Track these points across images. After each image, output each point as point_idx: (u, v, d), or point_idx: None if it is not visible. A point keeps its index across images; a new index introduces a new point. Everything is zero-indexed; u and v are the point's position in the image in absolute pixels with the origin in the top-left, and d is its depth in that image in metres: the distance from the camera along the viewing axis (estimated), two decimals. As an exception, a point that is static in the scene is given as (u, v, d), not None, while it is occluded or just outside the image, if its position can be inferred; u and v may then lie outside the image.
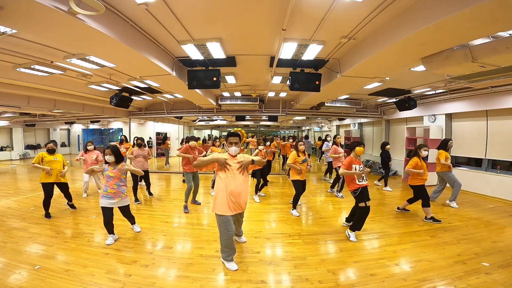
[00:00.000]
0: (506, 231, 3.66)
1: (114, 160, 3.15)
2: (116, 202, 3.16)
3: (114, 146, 3.23)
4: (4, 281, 2.35)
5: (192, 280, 2.43)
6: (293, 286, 2.37)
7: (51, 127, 15.06)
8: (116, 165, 3.19)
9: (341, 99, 7.86)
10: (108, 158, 3.13)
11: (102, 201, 3.10)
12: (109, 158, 3.12)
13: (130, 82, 5.74)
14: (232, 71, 5.21)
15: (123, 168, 3.22)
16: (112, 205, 3.15)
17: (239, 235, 3.25)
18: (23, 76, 4.82)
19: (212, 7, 2.81)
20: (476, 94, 5.78)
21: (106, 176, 3.13)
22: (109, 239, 3.20)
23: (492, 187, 5.57)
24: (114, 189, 3.12)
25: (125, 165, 3.25)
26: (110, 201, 3.12)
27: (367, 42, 3.49)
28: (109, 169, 3.15)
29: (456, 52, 3.08)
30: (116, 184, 3.14)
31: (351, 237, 3.35)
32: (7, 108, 8.28)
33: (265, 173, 5.66)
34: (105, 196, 3.11)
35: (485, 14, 2.16)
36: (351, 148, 3.53)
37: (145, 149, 5.36)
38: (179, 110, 9.21)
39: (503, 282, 2.39)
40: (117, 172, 3.14)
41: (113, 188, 3.11)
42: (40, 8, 2.15)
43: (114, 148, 3.17)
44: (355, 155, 3.44)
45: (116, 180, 3.14)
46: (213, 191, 4.57)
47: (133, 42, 3.22)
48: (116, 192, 3.13)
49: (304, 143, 4.53)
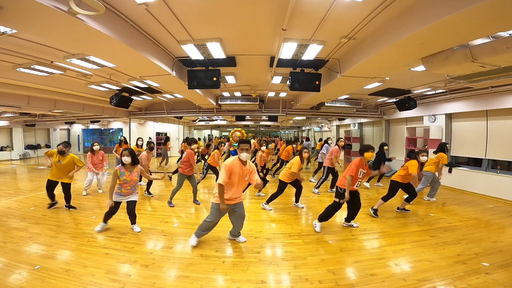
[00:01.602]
0: (506, 231, 3.66)
1: (130, 162, 3.28)
2: (126, 198, 3.38)
3: (129, 148, 3.41)
4: (4, 281, 2.34)
5: (192, 280, 2.43)
6: (293, 286, 2.37)
7: (51, 127, 15.06)
8: (132, 167, 3.33)
9: (341, 99, 7.86)
10: (125, 159, 3.26)
11: (114, 196, 3.31)
12: (126, 159, 3.26)
13: (130, 82, 5.74)
14: (232, 71, 5.21)
15: (139, 172, 3.39)
16: (122, 200, 3.37)
17: (237, 235, 3.29)
18: (23, 76, 4.82)
19: (212, 7, 2.81)
20: (476, 94, 5.78)
21: (122, 181, 3.27)
22: (99, 227, 3.48)
23: (492, 187, 5.57)
24: (127, 190, 3.35)
25: (140, 168, 3.40)
26: (121, 197, 3.35)
27: (367, 42, 3.49)
28: (126, 174, 3.27)
29: (456, 52, 3.08)
30: (131, 187, 3.35)
31: (317, 227, 3.52)
32: (7, 108, 8.28)
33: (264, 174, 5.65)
34: (118, 194, 3.33)
35: (485, 14, 2.16)
36: (360, 152, 3.53)
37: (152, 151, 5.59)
38: (179, 110, 9.21)
39: (503, 282, 2.39)
40: (133, 177, 3.32)
41: (127, 189, 3.33)
42: (40, 8, 2.15)
43: (131, 150, 3.35)
44: (364, 159, 3.44)
45: (132, 183, 3.34)
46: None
47: (133, 42, 3.22)
48: (129, 193, 3.37)
49: (307, 148, 4.58)
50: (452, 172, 6.55)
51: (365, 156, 3.43)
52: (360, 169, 3.39)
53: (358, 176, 3.40)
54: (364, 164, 3.44)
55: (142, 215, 4.33)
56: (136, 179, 3.37)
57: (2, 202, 4.70)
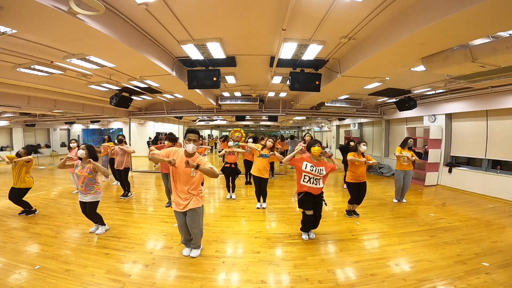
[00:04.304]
0: (506, 231, 3.66)
1: (86, 157, 3.24)
2: (84, 197, 3.31)
3: (88, 144, 3.36)
4: (4, 281, 2.34)
5: (192, 280, 2.43)
6: (293, 286, 2.37)
7: (51, 127, 15.05)
8: (86, 162, 3.26)
9: (341, 99, 7.85)
10: (80, 152, 3.23)
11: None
12: (80, 152, 3.23)
13: (130, 82, 5.74)
14: (232, 71, 5.21)
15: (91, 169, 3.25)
16: (82, 199, 3.32)
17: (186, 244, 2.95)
18: (23, 76, 4.82)
19: (212, 7, 2.80)
20: (476, 94, 5.78)
21: (77, 175, 3.30)
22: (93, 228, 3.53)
23: (492, 187, 5.57)
24: (82, 187, 3.28)
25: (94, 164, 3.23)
26: (81, 196, 3.32)
27: (367, 42, 3.48)
28: (79, 168, 3.26)
29: (456, 52, 3.07)
30: (84, 183, 3.26)
31: (303, 235, 3.40)
32: (7, 108, 8.27)
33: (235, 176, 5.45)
34: (80, 191, 3.34)
35: (485, 14, 2.15)
36: (307, 148, 3.26)
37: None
38: (179, 110, 9.20)
39: (503, 282, 2.39)
40: (84, 172, 3.23)
41: (82, 186, 3.28)
42: (40, 8, 2.15)
43: (88, 145, 3.32)
44: (312, 155, 3.15)
45: (83, 179, 3.25)
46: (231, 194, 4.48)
47: (133, 42, 3.22)
48: (85, 191, 3.28)
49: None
50: (452, 172, 6.55)
51: (312, 152, 3.13)
52: (306, 162, 3.09)
53: (308, 171, 3.06)
54: (313, 159, 3.13)
55: (142, 215, 4.33)
56: (86, 174, 3.20)
57: (2, 202, 4.70)
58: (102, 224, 3.53)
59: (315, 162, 3.13)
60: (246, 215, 4.31)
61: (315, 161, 3.14)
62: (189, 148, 2.52)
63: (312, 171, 3.07)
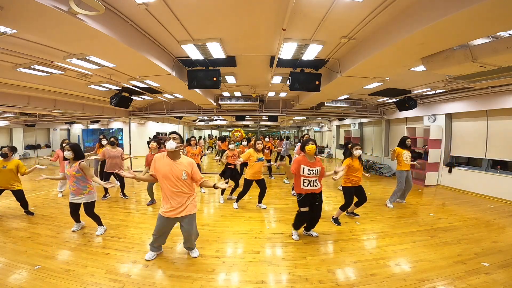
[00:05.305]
0: (506, 231, 3.66)
1: (72, 157, 3.21)
2: (77, 198, 3.28)
3: (73, 143, 3.30)
4: (4, 281, 2.34)
5: (192, 280, 2.43)
6: (293, 286, 2.37)
7: (51, 127, 15.05)
8: (73, 162, 3.24)
9: (341, 99, 7.85)
10: (66, 154, 3.20)
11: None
12: (66, 154, 3.19)
13: (130, 82, 5.74)
14: (232, 71, 5.21)
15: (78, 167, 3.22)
16: (74, 200, 3.28)
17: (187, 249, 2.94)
18: (23, 76, 4.81)
19: (212, 7, 2.80)
20: (476, 94, 5.78)
21: (67, 176, 3.27)
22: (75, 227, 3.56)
23: (492, 187, 5.57)
24: (73, 187, 3.24)
25: (81, 165, 3.22)
26: (72, 197, 3.28)
27: (367, 42, 3.48)
28: (67, 167, 3.24)
29: (456, 52, 3.07)
30: (75, 183, 3.22)
31: (294, 235, 3.37)
32: (7, 108, 8.27)
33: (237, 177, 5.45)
34: (71, 192, 3.29)
35: (485, 14, 2.15)
36: (301, 148, 3.19)
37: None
38: (179, 110, 9.20)
39: (503, 282, 2.39)
40: (72, 171, 3.20)
41: (72, 186, 3.23)
42: (40, 8, 2.15)
43: (72, 144, 3.26)
44: (307, 155, 3.10)
45: (72, 178, 3.21)
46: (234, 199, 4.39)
47: (133, 42, 3.22)
48: (76, 191, 3.25)
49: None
50: (452, 172, 6.55)
51: (306, 151, 3.07)
52: (303, 165, 3.04)
53: (306, 175, 3.03)
54: (309, 161, 3.09)
55: (142, 215, 4.34)
56: (74, 173, 3.17)
57: (2, 202, 4.70)
58: (100, 225, 3.52)
59: (310, 163, 3.08)
60: (246, 215, 4.31)
61: (310, 161, 3.10)
62: (168, 145, 2.46)
63: (310, 174, 3.04)
